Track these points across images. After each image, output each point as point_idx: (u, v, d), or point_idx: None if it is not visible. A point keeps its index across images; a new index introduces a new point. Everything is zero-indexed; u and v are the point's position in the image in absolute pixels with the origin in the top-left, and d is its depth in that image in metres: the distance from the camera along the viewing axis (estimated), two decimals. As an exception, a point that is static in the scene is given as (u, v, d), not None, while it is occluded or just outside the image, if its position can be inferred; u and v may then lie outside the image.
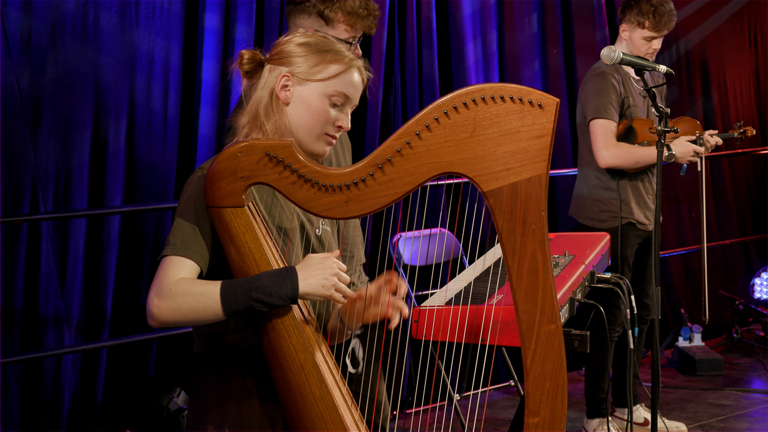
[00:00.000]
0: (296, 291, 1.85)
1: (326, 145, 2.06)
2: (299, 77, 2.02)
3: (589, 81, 4.23)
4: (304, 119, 2.03)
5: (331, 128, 2.05)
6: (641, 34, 4.21)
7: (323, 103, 2.02)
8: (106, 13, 3.86)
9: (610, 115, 4.13)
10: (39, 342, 3.76)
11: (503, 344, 2.46)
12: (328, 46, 2.05)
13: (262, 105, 2.03)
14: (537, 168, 1.80)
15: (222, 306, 1.84)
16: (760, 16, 6.61)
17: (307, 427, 1.90)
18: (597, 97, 4.15)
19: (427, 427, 4.23)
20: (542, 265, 1.81)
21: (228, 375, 2.00)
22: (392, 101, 4.85)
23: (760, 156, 6.57)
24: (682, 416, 4.64)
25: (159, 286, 1.87)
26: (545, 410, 1.84)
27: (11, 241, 3.68)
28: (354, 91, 2.05)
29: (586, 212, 4.30)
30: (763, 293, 6.20)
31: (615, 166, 4.16)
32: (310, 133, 2.03)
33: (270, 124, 2.02)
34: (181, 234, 1.91)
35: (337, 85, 2.02)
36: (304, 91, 2.02)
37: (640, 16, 4.18)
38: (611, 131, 4.14)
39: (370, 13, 3.04)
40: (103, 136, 3.90)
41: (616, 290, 3.08)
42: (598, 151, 4.15)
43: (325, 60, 2.02)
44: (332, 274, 1.89)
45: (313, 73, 2.02)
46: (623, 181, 4.21)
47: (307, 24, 3.02)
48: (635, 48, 4.23)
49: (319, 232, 2.13)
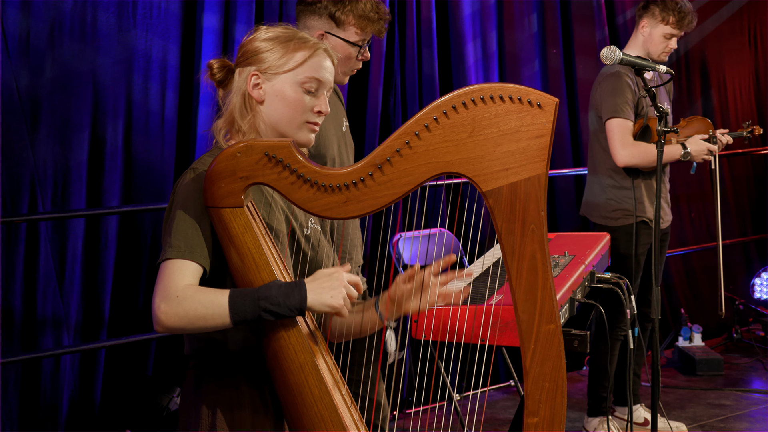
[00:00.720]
0: (304, 302, 1.85)
1: (310, 133, 2.04)
2: (268, 73, 2.01)
3: (603, 82, 4.23)
4: (281, 112, 2.02)
5: (311, 115, 2.03)
6: (663, 30, 4.20)
7: (297, 93, 2.01)
8: (103, 13, 3.85)
9: (626, 114, 4.13)
10: (37, 342, 3.76)
11: (503, 344, 2.46)
12: (290, 35, 2.03)
13: (237, 108, 2.03)
14: (536, 168, 1.80)
15: (230, 314, 1.84)
16: (759, 16, 6.61)
17: (307, 427, 1.89)
18: (612, 96, 4.15)
19: (427, 427, 4.23)
20: (541, 265, 1.81)
21: (220, 379, 1.99)
22: (392, 101, 4.85)
23: (760, 156, 6.57)
24: (682, 416, 4.63)
25: (166, 292, 1.85)
26: (545, 410, 1.84)
27: (10, 241, 3.68)
28: (325, 73, 2.04)
29: (598, 211, 4.31)
30: (763, 293, 6.20)
31: (632, 165, 4.16)
32: (290, 124, 2.02)
33: (245, 125, 2.02)
34: (183, 235, 1.90)
35: (307, 71, 2.01)
36: (276, 85, 2.01)
37: (665, 12, 4.18)
38: (628, 130, 4.14)
39: (381, 17, 3.04)
40: (101, 136, 3.89)
41: (616, 290, 3.08)
42: (615, 150, 4.14)
43: (290, 49, 2.01)
44: (341, 286, 1.88)
45: (281, 65, 2.01)
46: (638, 180, 4.21)
47: (318, 25, 3.03)
48: (653, 45, 4.23)
49: (308, 231, 2.12)
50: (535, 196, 1.80)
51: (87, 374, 3.90)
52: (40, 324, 3.76)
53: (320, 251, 2.14)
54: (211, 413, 1.98)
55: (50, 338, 3.79)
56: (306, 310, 1.87)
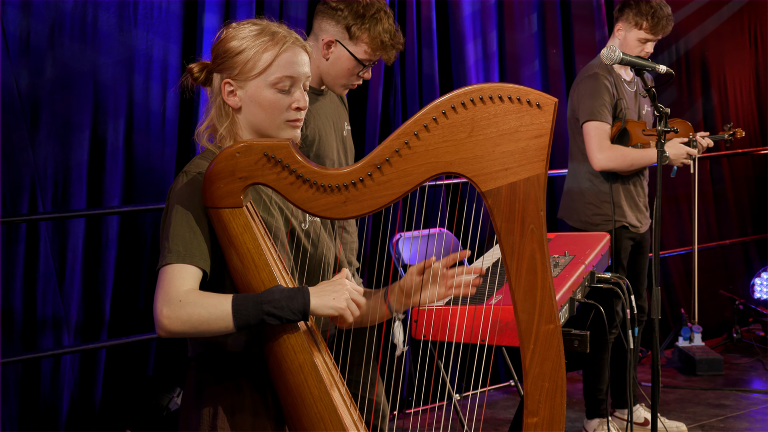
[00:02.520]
0: (307, 305, 1.85)
1: (293, 131, 2.03)
2: (239, 80, 2.00)
3: (581, 83, 4.20)
4: (260, 117, 2.01)
5: (290, 113, 2.01)
6: (636, 35, 4.17)
7: (271, 94, 1.99)
8: (104, 13, 3.85)
9: (604, 117, 4.10)
10: (37, 342, 3.76)
11: (503, 344, 2.46)
12: (256, 33, 2.00)
13: (215, 115, 2.03)
14: (535, 168, 1.80)
15: (233, 318, 1.84)
16: (760, 15, 6.61)
17: (307, 427, 1.89)
18: (590, 99, 4.11)
19: (426, 427, 4.23)
20: (541, 265, 1.81)
21: (221, 381, 1.99)
22: (392, 101, 4.85)
23: (760, 156, 6.57)
24: (682, 416, 4.63)
25: (168, 297, 1.84)
26: (544, 410, 1.84)
27: (10, 241, 3.68)
28: (297, 68, 2.01)
29: (577, 215, 4.27)
30: (763, 293, 6.20)
31: (610, 169, 4.13)
32: (270, 126, 2.01)
33: (224, 130, 2.01)
34: (181, 239, 1.89)
35: (277, 71, 1.99)
36: (249, 90, 2.00)
37: (638, 17, 4.14)
38: (605, 133, 4.11)
39: (394, 45, 3.04)
40: (102, 136, 3.89)
41: (616, 290, 3.08)
42: (592, 154, 4.11)
43: (255, 52, 1.98)
44: (344, 290, 1.89)
45: (248, 70, 1.99)
46: (616, 184, 4.18)
47: (331, 31, 3.02)
48: (628, 49, 4.17)
49: (306, 226, 2.11)
50: (534, 196, 1.80)
51: (87, 374, 3.90)
52: (40, 324, 3.76)
53: (320, 246, 2.13)
54: (212, 414, 1.98)
55: (50, 338, 3.79)
56: (309, 314, 1.86)
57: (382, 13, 3.02)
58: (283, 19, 4.26)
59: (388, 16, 3.04)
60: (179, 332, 1.85)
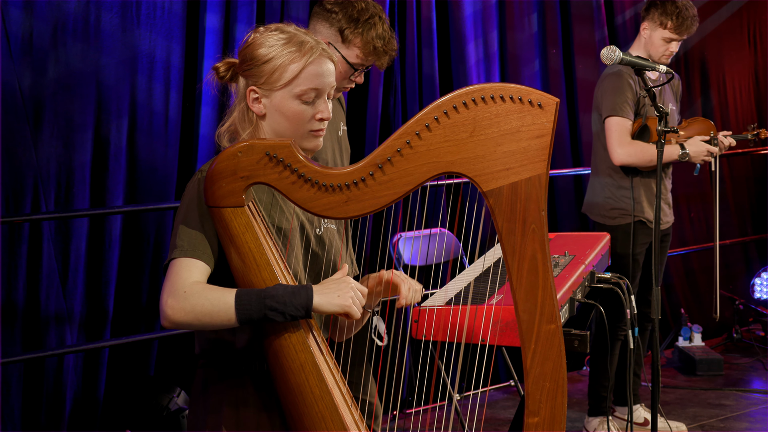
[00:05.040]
0: (311, 302, 1.86)
1: (315, 140, 2.04)
2: (264, 89, 2.01)
3: (605, 80, 4.25)
4: (284, 126, 2.02)
5: (314, 123, 2.02)
6: (662, 34, 4.22)
7: (297, 106, 2.00)
8: (107, 13, 3.86)
9: (626, 113, 4.14)
10: (41, 342, 3.77)
11: (503, 344, 2.46)
12: (285, 41, 2.00)
13: (238, 120, 2.04)
14: (537, 168, 1.80)
15: (236, 312, 1.85)
16: (759, 15, 6.61)
17: (308, 427, 1.90)
18: (613, 95, 4.16)
19: (427, 427, 4.24)
20: (542, 265, 1.82)
21: (226, 378, 2.00)
22: (392, 101, 4.85)
23: (760, 156, 6.57)
24: (682, 416, 4.64)
25: (173, 288, 1.86)
26: (545, 410, 1.84)
27: (13, 241, 3.68)
28: (323, 79, 2.01)
29: (597, 209, 4.34)
30: (763, 293, 6.21)
31: (629, 164, 4.18)
32: (293, 136, 2.01)
33: (247, 136, 2.02)
34: (187, 236, 1.91)
35: (302, 84, 1.99)
36: (274, 100, 2.01)
37: (663, 16, 4.19)
38: (626, 129, 4.15)
39: (387, 51, 3.02)
40: (105, 136, 3.90)
41: (616, 290, 3.09)
42: (612, 148, 4.16)
43: (282, 63, 1.99)
44: (348, 288, 1.90)
45: (275, 80, 1.99)
46: (636, 179, 4.22)
47: (325, 33, 3.01)
48: (653, 48, 4.25)
49: (320, 231, 2.12)
50: (535, 196, 1.81)
51: (90, 374, 3.90)
52: (43, 323, 3.77)
53: (332, 251, 2.13)
54: (217, 412, 1.99)
55: (53, 338, 3.80)
56: (312, 311, 1.87)
57: (376, 18, 3.00)
58: (284, 20, 4.26)
59: (382, 22, 3.01)
60: (182, 323, 1.86)
